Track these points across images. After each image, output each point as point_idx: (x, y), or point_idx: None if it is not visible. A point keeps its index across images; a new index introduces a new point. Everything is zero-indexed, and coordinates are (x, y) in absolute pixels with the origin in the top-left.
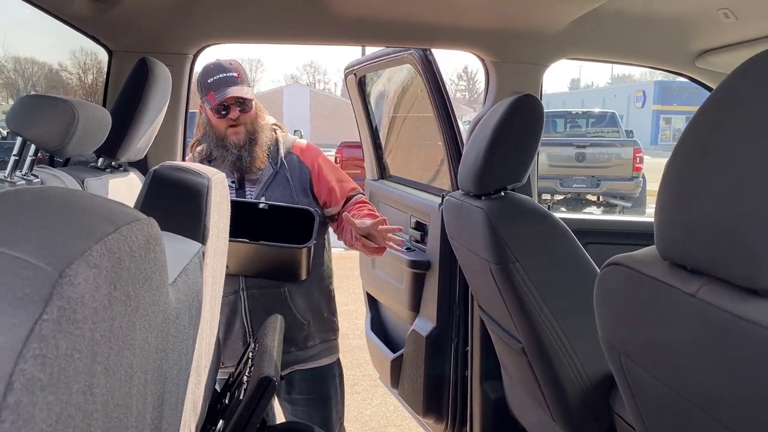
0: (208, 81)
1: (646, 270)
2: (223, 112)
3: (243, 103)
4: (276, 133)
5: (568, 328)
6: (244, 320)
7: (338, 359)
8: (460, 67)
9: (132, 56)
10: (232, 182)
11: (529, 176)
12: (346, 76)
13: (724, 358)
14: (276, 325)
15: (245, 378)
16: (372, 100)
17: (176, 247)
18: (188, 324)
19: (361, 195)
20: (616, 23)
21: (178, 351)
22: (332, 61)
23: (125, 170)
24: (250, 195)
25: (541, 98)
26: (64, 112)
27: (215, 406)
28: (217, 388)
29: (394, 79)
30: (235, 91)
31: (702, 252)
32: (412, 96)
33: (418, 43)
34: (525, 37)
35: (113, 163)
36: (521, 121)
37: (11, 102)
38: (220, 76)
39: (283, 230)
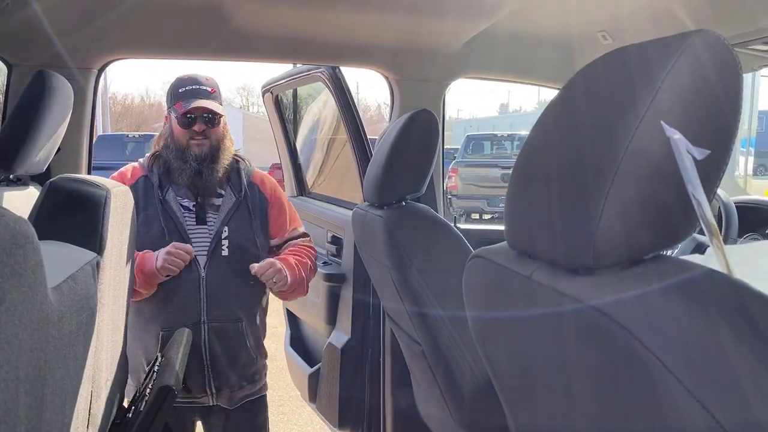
0: (179, 90)
1: (498, 259)
2: (189, 123)
3: (211, 119)
4: (238, 163)
5: (462, 330)
6: (203, 353)
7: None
8: (387, 94)
9: (33, 70)
10: (193, 205)
11: (434, 188)
12: (263, 95)
13: (550, 330)
14: (182, 339)
15: (148, 390)
16: (305, 123)
17: (65, 254)
18: (76, 330)
19: (304, 239)
20: (507, 43)
21: (63, 355)
22: None
23: (24, 183)
24: (212, 223)
25: (443, 115)
26: None
27: (121, 423)
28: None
29: (329, 102)
30: (204, 103)
31: (535, 240)
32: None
33: (325, 60)
34: (425, 57)
35: (11, 176)
36: (418, 135)
37: None
38: (193, 87)
39: None
